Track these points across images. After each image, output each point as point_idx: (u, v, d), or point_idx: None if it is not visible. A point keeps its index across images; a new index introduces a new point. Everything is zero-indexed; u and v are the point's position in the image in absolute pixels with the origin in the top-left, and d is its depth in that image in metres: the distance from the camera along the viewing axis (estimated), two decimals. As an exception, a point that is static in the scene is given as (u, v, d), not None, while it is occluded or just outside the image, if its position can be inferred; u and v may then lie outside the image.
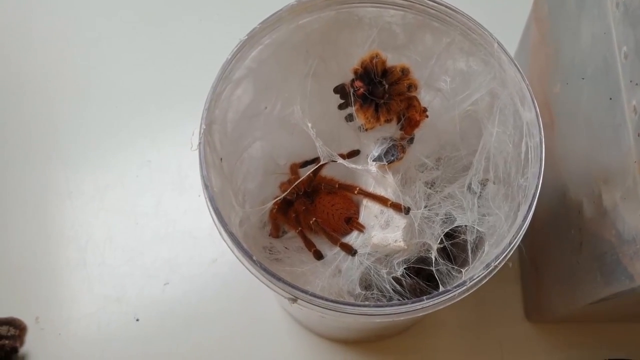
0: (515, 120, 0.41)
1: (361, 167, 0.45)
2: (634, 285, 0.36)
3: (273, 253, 0.46)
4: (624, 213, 0.37)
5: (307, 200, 0.47)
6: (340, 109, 0.45)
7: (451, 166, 0.47)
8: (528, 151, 0.40)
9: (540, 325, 0.58)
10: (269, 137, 0.48)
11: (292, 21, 0.42)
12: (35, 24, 0.73)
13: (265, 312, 0.59)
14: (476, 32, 0.41)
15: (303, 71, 0.45)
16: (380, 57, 0.41)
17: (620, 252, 0.37)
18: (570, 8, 0.45)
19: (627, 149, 0.35)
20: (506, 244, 0.36)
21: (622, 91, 0.36)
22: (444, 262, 0.43)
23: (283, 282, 0.36)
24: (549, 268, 0.52)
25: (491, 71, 0.41)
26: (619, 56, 0.37)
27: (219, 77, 0.40)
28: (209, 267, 0.61)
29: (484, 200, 0.44)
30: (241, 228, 0.42)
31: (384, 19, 0.43)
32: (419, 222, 0.43)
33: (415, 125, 0.43)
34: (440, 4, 0.41)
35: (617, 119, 0.37)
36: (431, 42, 0.43)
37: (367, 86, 0.42)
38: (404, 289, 0.43)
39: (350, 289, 0.44)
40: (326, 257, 0.45)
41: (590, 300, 0.43)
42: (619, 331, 0.57)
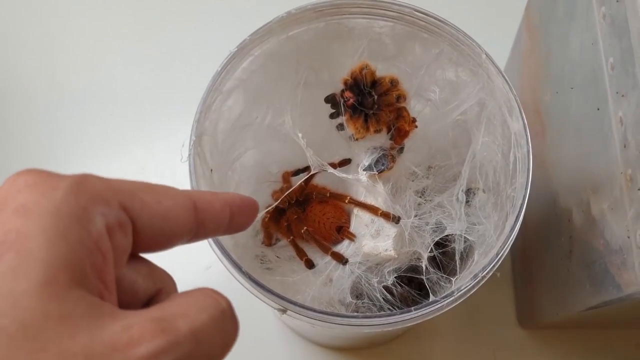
0: (504, 130, 0.41)
1: (352, 177, 0.45)
2: (621, 295, 0.36)
3: (264, 262, 0.47)
4: (611, 223, 0.37)
5: (298, 209, 0.47)
6: (332, 119, 0.45)
7: (441, 175, 0.47)
8: (516, 161, 0.40)
9: (532, 332, 0.58)
10: (261, 146, 0.48)
11: (282, 32, 0.42)
12: (31, 29, 0.73)
13: (259, 319, 0.59)
14: (464, 43, 0.41)
15: (293, 81, 0.45)
16: (369, 68, 0.42)
17: (608, 262, 0.38)
18: (560, 18, 0.45)
19: (614, 159, 0.36)
20: (494, 255, 0.37)
21: (609, 102, 0.36)
22: (434, 271, 0.43)
23: (272, 293, 0.36)
24: (541, 275, 0.53)
25: (480, 81, 0.42)
26: (606, 67, 0.37)
27: (209, 88, 0.40)
28: (202, 274, 0.61)
29: (473, 209, 0.44)
30: (232, 239, 0.42)
31: (374, 30, 0.43)
32: (410, 231, 0.44)
33: (405, 135, 0.44)
34: (429, 16, 0.41)
35: (605, 130, 0.37)
36: (420, 52, 0.44)
37: (357, 97, 0.42)
38: (395, 297, 0.44)
39: (342, 298, 0.44)
40: (317, 266, 0.45)
41: (580, 308, 0.43)
42: (611, 338, 0.58)
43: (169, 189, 0.23)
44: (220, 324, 0.20)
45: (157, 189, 0.23)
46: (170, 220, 0.22)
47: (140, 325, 0.18)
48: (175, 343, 0.18)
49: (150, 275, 0.23)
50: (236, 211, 0.25)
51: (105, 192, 0.20)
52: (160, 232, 0.22)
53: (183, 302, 0.20)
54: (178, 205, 0.23)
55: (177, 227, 0.23)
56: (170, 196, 0.23)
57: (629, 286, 0.34)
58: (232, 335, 0.21)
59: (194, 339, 0.19)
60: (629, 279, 0.34)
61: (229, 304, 0.21)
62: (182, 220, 0.23)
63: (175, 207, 0.22)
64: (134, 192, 0.21)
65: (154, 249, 0.22)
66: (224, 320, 0.20)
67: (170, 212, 0.22)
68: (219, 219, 0.24)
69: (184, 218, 0.23)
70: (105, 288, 0.20)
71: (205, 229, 0.24)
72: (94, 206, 0.20)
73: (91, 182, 0.21)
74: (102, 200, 0.20)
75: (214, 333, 0.20)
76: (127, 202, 0.21)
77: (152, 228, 0.22)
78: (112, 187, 0.21)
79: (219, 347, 0.20)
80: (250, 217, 0.26)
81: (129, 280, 0.22)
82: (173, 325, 0.18)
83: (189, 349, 0.18)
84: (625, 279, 0.35)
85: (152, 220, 0.22)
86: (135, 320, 0.18)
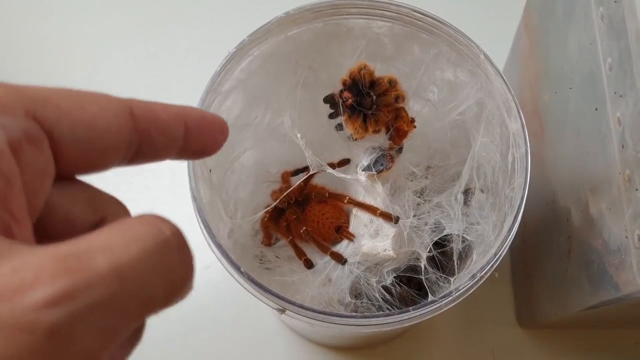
0: (502, 130, 0.41)
1: (351, 177, 0.45)
2: (619, 295, 0.36)
3: (264, 262, 0.47)
4: (609, 223, 0.37)
5: (298, 209, 0.47)
6: (331, 119, 0.45)
7: (440, 175, 0.47)
8: (515, 161, 0.40)
9: (532, 331, 0.58)
10: (260, 146, 0.48)
11: (280, 33, 0.42)
12: (30, 29, 0.73)
13: (259, 318, 0.59)
14: (463, 43, 0.41)
15: (292, 81, 0.45)
16: (368, 68, 0.42)
17: (606, 261, 0.38)
18: (559, 18, 0.45)
19: (612, 159, 0.36)
20: (492, 255, 0.37)
21: (607, 102, 0.36)
22: (433, 271, 0.43)
23: (270, 293, 0.36)
24: (540, 274, 0.53)
25: (478, 82, 0.42)
26: (604, 67, 0.37)
27: (208, 89, 0.40)
28: (202, 273, 0.61)
29: (472, 209, 0.44)
30: (230, 238, 0.43)
31: (373, 30, 0.43)
32: (408, 230, 0.44)
33: (404, 135, 0.44)
34: (428, 16, 0.42)
35: (603, 130, 0.37)
36: (419, 53, 0.44)
37: (355, 97, 0.42)
38: (394, 297, 0.44)
39: (341, 297, 0.44)
40: (316, 266, 0.45)
41: (579, 308, 0.43)
42: (610, 337, 0.58)
43: (96, 94, 0.19)
44: (160, 258, 0.16)
45: (78, 93, 0.18)
46: (98, 130, 0.18)
47: (38, 265, 0.14)
48: (85, 285, 0.14)
49: (90, 201, 0.19)
50: (194, 126, 0.21)
51: (6, 100, 0.16)
52: (87, 146, 0.18)
53: (108, 232, 0.15)
54: (108, 111, 0.18)
55: (110, 138, 0.18)
56: (96, 101, 0.18)
57: (627, 286, 0.34)
58: (180, 273, 0.16)
59: (116, 279, 0.14)
60: (626, 279, 0.34)
61: (175, 232, 0.17)
62: (116, 128, 0.18)
63: (103, 112, 0.18)
64: (47, 98, 0.17)
65: (85, 168, 0.18)
66: (167, 253, 0.16)
67: (97, 119, 0.18)
68: (169, 133, 0.20)
69: (118, 126, 0.18)
70: (12, 218, 0.16)
71: (152, 145, 0.20)
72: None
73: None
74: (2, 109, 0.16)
75: (149, 271, 0.15)
76: (38, 110, 0.17)
77: (76, 140, 0.18)
78: (17, 92, 0.17)
79: (159, 289, 0.15)
80: (217, 136, 0.22)
81: (62, 208, 0.18)
82: (85, 262, 0.14)
83: (109, 293, 0.14)
84: (623, 279, 0.35)
85: (74, 130, 0.17)
86: (32, 259, 0.14)
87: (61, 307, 0.13)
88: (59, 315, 0.13)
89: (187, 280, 0.17)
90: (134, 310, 0.15)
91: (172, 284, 0.16)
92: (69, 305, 0.13)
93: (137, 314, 0.15)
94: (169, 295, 0.16)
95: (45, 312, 0.13)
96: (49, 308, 0.13)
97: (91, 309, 0.14)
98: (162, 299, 0.16)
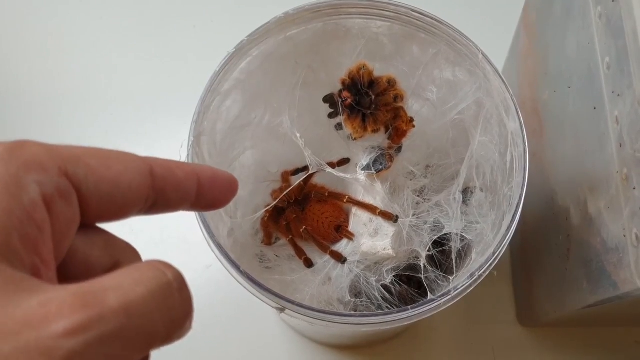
0: (501, 129, 0.42)
1: (350, 176, 0.45)
2: (618, 293, 0.36)
3: (264, 261, 0.47)
4: (608, 221, 0.37)
5: (297, 208, 0.48)
6: (330, 118, 0.45)
7: (440, 174, 0.47)
8: (513, 160, 0.40)
9: (532, 330, 0.59)
10: (259, 146, 0.48)
11: (280, 33, 0.42)
12: (30, 29, 0.73)
13: (259, 317, 0.59)
14: (461, 42, 0.41)
15: (292, 81, 0.45)
16: (367, 68, 0.42)
17: (605, 260, 0.38)
18: (558, 17, 0.45)
19: (610, 158, 0.36)
20: (490, 254, 0.37)
21: (605, 101, 0.37)
22: (432, 270, 0.44)
23: (270, 292, 0.36)
24: (540, 273, 0.53)
25: (477, 81, 0.42)
26: (602, 66, 0.37)
27: (207, 89, 0.40)
28: (203, 272, 0.61)
29: (471, 208, 0.45)
30: (230, 238, 0.43)
31: (372, 30, 0.43)
32: (408, 229, 0.44)
33: (403, 135, 0.44)
34: (426, 16, 0.42)
35: (601, 129, 0.37)
36: (418, 52, 0.44)
37: (355, 97, 0.42)
38: (393, 296, 0.44)
39: (340, 296, 0.44)
40: (316, 265, 0.45)
41: (578, 307, 0.44)
42: (610, 335, 0.58)
43: (121, 154, 0.21)
44: (163, 298, 0.18)
45: (106, 153, 0.21)
46: (121, 187, 0.20)
47: (60, 300, 0.16)
48: (99, 318, 0.16)
49: (107, 247, 0.21)
50: (206, 183, 0.23)
51: (43, 158, 0.19)
52: (110, 200, 0.20)
53: (119, 275, 0.18)
54: (131, 170, 0.21)
55: (130, 195, 0.21)
56: (121, 160, 0.21)
57: (626, 284, 0.35)
58: (180, 312, 0.19)
59: (124, 315, 0.16)
60: (625, 278, 0.35)
61: (177, 276, 0.19)
62: (136, 186, 0.21)
63: (127, 171, 0.21)
64: (78, 157, 0.20)
65: (106, 218, 0.21)
66: (168, 294, 0.18)
67: (121, 177, 0.20)
68: (183, 189, 0.22)
69: (138, 184, 0.21)
70: (42, 262, 0.18)
71: (167, 200, 0.22)
72: (28, 174, 0.18)
73: (27, 148, 0.19)
74: (38, 166, 0.19)
75: (153, 308, 0.17)
76: (69, 168, 0.19)
77: (101, 195, 0.20)
78: (52, 152, 0.19)
79: (161, 325, 0.18)
80: (226, 193, 0.24)
81: (82, 252, 0.21)
82: (99, 299, 0.16)
83: (118, 326, 0.16)
84: (622, 278, 0.35)
85: (100, 186, 0.20)
86: (55, 295, 0.16)
87: (78, 336, 0.16)
88: (75, 343, 0.15)
89: (186, 318, 0.19)
90: (138, 342, 0.17)
91: (172, 322, 0.18)
92: (85, 335, 0.16)
93: (141, 347, 0.17)
94: (170, 331, 0.18)
95: (65, 340, 0.15)
96: (67, 337, 0.15)
97: (103, 339, 0.16)
98: (164, 334, 0.18)
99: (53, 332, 0.15)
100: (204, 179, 0.23)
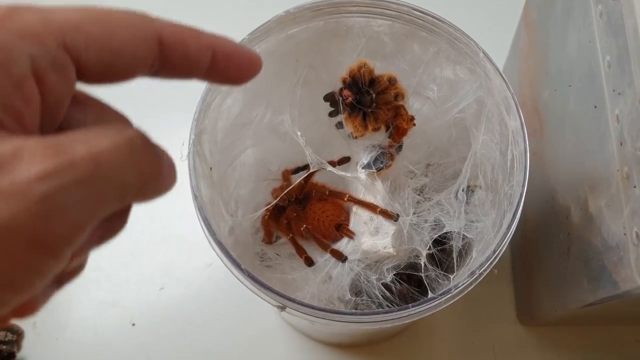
0: (502, 128, 0.42)
1: (351, 175, 0.45)
2: (618, 291, 0.36)
3: (264, 260, 0.47)
4: (608, 220, 0.37)
5: (298, 207, 0.48)
6: (331, 117, 0.45)
7: (440, 172, 0.47)
8: (514, 159, 0.40)
9: (532, 328, 0.59)
10: (261, 144, 0.48)
11: (281, 31, 0.42)
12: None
13: (260, 315, 0.59)
14: (462, 41, 0.41)
15: (293, 80, 0.45)
16: (367, 66, 0.42)
17: (605, 258, 0.38)
18: (558, 15, 0.45)
19: (611, 157, 0.36)
20: (491, 252, 0.37)
21: (606, 100, 0.37)
22: (433, 268, 0.44)
23: (270, 290, 0.36)
24: (540, 271, 0.53)
25: (477, 80, 0.42)
26: (602, 65, 0.37)
27: (208, 87, 0.40)
28: (204, 271, 0.61)
29: (472, 206, 0.45)
30: (231, 236, 0.43)
31: (373, 29, 0.43)
32: (408, 228, 0.44)
33: (403, 133, 0.44)
34: (427, 14, 0.42)
35: (602, 127, 0.37)
36: (419, 51, 0.44)
37: (355, 95, 0.42)
38: (394, 295, 0.44)
39: (341, 295, 0.44)
40: (317, 264, 0.45)
41: (578, 305, 0.44)
42: (611, 334, 0.58)
43: (126, 17, 0.20)
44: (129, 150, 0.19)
45: (109, 16, 0.20)
46: (124, 56, 0.20)
47: (32, 148, 0.17)
48: (69, 165, 0.17)
49: (101, 116, 0.22)
50: (221, 59, 0.22)
51: (39, 29, 0.18)
52: (111, 68, 0.20)
53: (87, 130, 0.19)
54: (136, 39, 0.20)
55: (133, 63, 0.20)
56: (125, 26, 0.20)
57: (626, 283, 0.35)
58: (148, 166, 0.19)
59: (92, 162, 0.17)
60: (625, 276, 0.35)
61: (138, 134, 0.20)
62: (141, 55, 0.20)
63: (131, 40, 0.20)
64: (77, 25, 0.19)
65: (105, 83, 0.21)
66: (133, 147, 0.19)
67: (124, 46, 0.20)
68: (192, 62, 0.22)
69: (143, 52, 0.20)
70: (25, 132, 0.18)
71: (172, 69, 0.22)
72: (21, 45, 0.18)
73: (22, 15, 0.18)
74: (32, 38, 0.18)
75: (120, 159, 0.18)
76: (68, 38, 0.19)
77: (102, 64, 0.20)
78: (50, 21, 0.18)
79: (131, 176, 0.19)
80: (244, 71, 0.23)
81: (76, 121, 0.21)
82: (69, 148, 0.17)
83: (87, 172, 0.17)
84: (622, 276, 0.35)
85: (101, 56, 0.19)
86: (27, 144, 0.17)
87: (50, 180, 0.17)
88: (47, 187, 0.16)
89: (156, 172, 0.20)
90: (110, 191, 0.18)
91: (141, 174, 0.19)
92: (57, 180, 0.17)
93: (114, 196, 0.18)
94: (142, 184, 0.19)
95: (37, 183, 0.16)
96: (39, 181, 0.16)
97: (74, 184, 0.17)
98: (135, 185, 0.19)
99: (25, 176, 0.16)
100: (220, 54, 0.22)
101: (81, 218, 0.17)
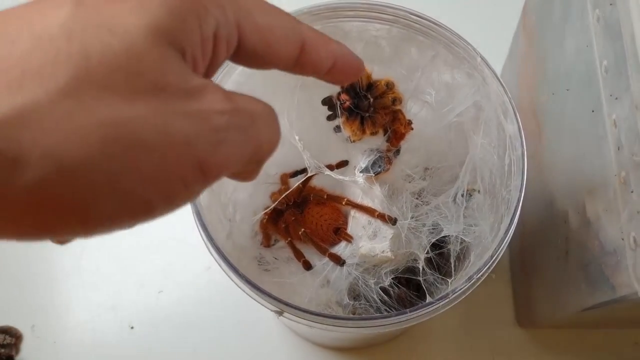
0: (499, 132, 0.42)
1: (349, 179, 0.45)
2: (615, 296, 0.36)
3: (262, 264, 0.47)
4: (606, 224, 0.37)
5: (296, 211, 0.48)
6: (329, 120, 0.45)
7: (438, 176, 0.47)
8: (511, 163, 0.40)
9: (531, 331, 0.59)
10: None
11: (278, 36, 0.42)
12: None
13: (259, 319, 0.59)
14: (459, 45, 0.41)
15: (290, 84, 0.45)
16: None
17: (603, 263, 0.38)
18: (556, 20, 0.45)
19: (609, 161, 0.36)
20: (489, 256, 0.37)
21: (603, 104, 0.37)
22: (431, 272, 0.44)
23: (268, 295, 0.36)
24: (538, 275, 0.53)
25: (475, 84, 0.42)
26: (600, 69, 0.37)
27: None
28: (202, 274, 0.61)
29: (470, 210, 0.45)
30: (229, 240, 0.43)
31: (370, 33, 0.43)
32: (406, 232, 0.44)
33: (401, 137, 0.44)
34: (424, 19, 0.42)
35: (599, 132, 0.37)
36: (416, 55, 0.44)
37: (353, 99, 0.42)
38: (392, 299, 0.44)
39: (339, 299, 0.44)
40: (315, 268, 0.45)
41: (576, 309, 0.44)
42: (609, 337, 0.58)
43: (284, 17, 0.23)
44: (269, 119, 0.22)
45: (272, 10, 0.23)
46: (273, 52, 0.23)
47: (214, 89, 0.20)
48: (237, 111, 0.20)
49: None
50: (339, 66, 0.25)
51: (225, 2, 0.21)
52: (258, 59, 0.23)
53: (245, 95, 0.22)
54: (287, 39, 0.23)
55: (277, 59, 0.23)
56: (283, 25, 0.23)
57: (623, 288, 0.35)
58: (276, 135, 0.22)
59: (250, 115, 0.21)
60: (622, 281, 0.35)
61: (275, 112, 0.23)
62: (285, 54, 0.23)
63: (284, 40, 0.23)
64: (250, 12, 0.22)
65: (245, 65, 0.23)
66: (271, 119, 0.22)
67: (278, 43, 0.23)
68: (319, 66, 0.25)
69: (287, 53, 0.23)
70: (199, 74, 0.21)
71: (300, 70, 0.24)
72: (214, 10, 0.20)
73: None
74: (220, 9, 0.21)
75: (264, 122, 0.21)
76: (242, 20, 0.21)
77: (254, 52, 0.22)
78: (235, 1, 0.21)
79: (266, 136, 0.22)
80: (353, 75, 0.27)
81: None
82: (236, 100, 0.20)
83: (247, 122, 0.20)
84: (619, 281, 0.35)
85: (256, 45, 0.22)
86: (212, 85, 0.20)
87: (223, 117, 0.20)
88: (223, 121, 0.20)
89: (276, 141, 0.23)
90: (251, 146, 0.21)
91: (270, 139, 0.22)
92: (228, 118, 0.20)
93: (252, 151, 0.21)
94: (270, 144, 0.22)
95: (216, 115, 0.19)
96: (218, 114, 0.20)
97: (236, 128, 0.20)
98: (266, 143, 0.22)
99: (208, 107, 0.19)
100: (340, 61, 0.25)
101: (233, 157, 0.20)
